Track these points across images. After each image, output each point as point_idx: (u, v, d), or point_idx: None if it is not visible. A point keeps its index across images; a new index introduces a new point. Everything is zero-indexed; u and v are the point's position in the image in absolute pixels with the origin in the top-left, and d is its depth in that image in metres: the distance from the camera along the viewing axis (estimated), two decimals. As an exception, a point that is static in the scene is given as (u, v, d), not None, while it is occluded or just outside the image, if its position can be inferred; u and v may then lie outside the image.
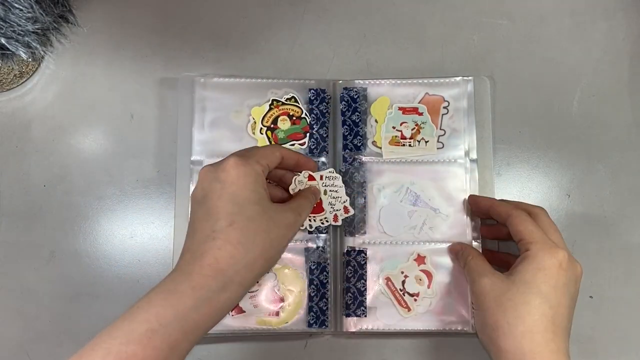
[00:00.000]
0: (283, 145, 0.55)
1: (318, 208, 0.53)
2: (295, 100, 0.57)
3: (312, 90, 0.56)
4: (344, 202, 0.54)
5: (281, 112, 0.56)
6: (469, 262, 0.50)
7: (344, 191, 0.54)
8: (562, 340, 0.44)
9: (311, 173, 0.53)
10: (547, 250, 0.45)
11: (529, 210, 0.50)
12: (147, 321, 0.39)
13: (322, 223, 0.54)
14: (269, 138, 0.56)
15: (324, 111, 0.56)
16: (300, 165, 0.52)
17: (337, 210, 0.54)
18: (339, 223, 0.54)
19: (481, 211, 0.54)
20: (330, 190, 0.53)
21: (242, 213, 0.43)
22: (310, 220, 0.53)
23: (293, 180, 0.52)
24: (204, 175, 0.45)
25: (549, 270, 0.45)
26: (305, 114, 0.56)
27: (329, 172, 0.53)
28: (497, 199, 0.55)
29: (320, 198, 0.53)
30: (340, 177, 0.53)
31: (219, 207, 0.43)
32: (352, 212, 0.54)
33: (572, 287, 0.46)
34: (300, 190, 0.52)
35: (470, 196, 0.55)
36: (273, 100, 0.56)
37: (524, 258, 0.46)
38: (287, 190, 0.52)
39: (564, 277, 0.45)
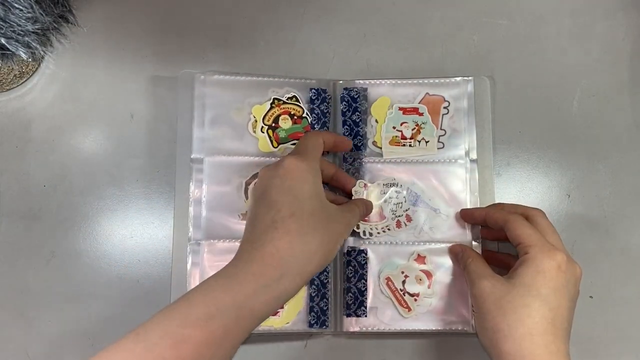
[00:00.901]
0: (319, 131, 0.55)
1: (380, 216, 0.54)
2: (297, 100, 0.57)
3: (313, 90, 0.56)
4: (406, 210, 0.54)
5: (282, 111, 0.56)
6: (468, 264, 0.50)
7: (404, 199, 0.54)
8: (562, 342, 0.44)
9: (366, 182, 0.53)
10: (546, 252, 0.45)
11: (526, 213, 0.49)
12: (206, 305, 0.39)
13: (384, 231, 0.54)
14: (270, 137, 0.56)
15: (325, 111, 0.56)
16: (337, 145, 0.52)
17: (399, 216, 0.54)
18: (402, 229, 0.54)
19: (477, 222, 0.54)
20: (389, 197, 0.54)
21: (302, 206, 0.43)
22: (372, 228, 0.54)
23: (353, 192, 0.53)
24: (263, 173, 0.46)
25: (548, 273, 0.45)
26: (307, 114, 0.56)
27: (387, 179, 0.54)
28: (491, 205, 0.54)
29: (381, 206, 0.54)
30: (401, 185, 0.54)
31: (279, 200, 0.43)
32: (413, 220, 0.54)
33: (571, 288, 0.46)
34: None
35: (462, 211, 0.55)
36: (274, 99, 0.56)
37: (523, 261, 0.46)
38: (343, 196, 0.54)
39: (563, 279, 0.45)
